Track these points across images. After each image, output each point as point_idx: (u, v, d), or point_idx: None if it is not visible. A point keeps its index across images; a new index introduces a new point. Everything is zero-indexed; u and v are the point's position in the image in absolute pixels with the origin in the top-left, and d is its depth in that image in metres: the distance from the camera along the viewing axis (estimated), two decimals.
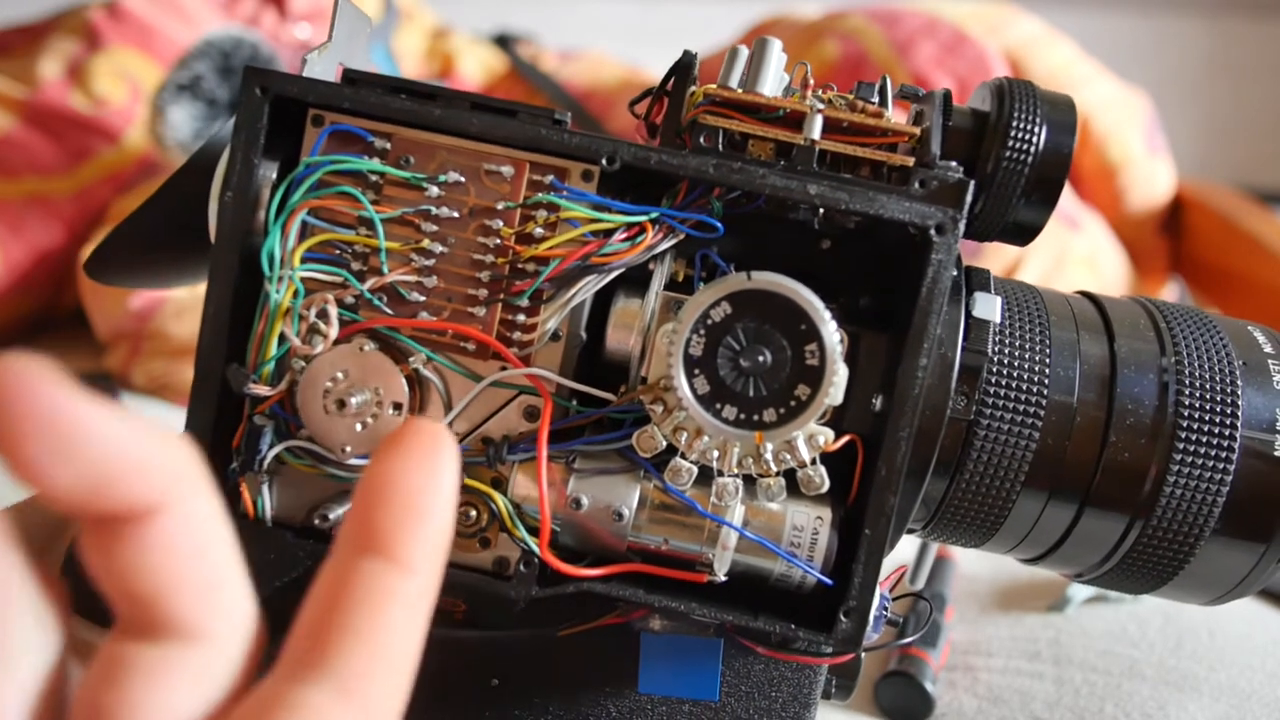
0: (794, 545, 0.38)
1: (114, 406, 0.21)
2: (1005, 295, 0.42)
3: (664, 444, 0.37)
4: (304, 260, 0.38)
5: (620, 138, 0.38)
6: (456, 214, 0.38)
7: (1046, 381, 0.41)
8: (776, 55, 0.39)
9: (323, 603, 0.24)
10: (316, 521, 0.38)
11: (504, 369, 0.39)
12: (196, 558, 0.23)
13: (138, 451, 0.21)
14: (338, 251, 0.39)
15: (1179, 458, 0.40)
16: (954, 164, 0.38)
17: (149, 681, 0.22)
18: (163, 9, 1.03)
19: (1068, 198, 1.01)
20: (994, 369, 0.40)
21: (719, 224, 0.37)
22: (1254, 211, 1.08)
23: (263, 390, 0.38)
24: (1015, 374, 0.40)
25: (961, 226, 0.36)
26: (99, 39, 1.00)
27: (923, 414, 0.38)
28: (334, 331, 0.38)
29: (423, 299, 0.39)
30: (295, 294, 0.38)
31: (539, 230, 0.38)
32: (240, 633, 0.24)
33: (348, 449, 0.38)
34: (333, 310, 0.38)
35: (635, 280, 0.39)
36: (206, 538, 0.23)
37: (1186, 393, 0.40)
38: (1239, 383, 0.41)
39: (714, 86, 0.39)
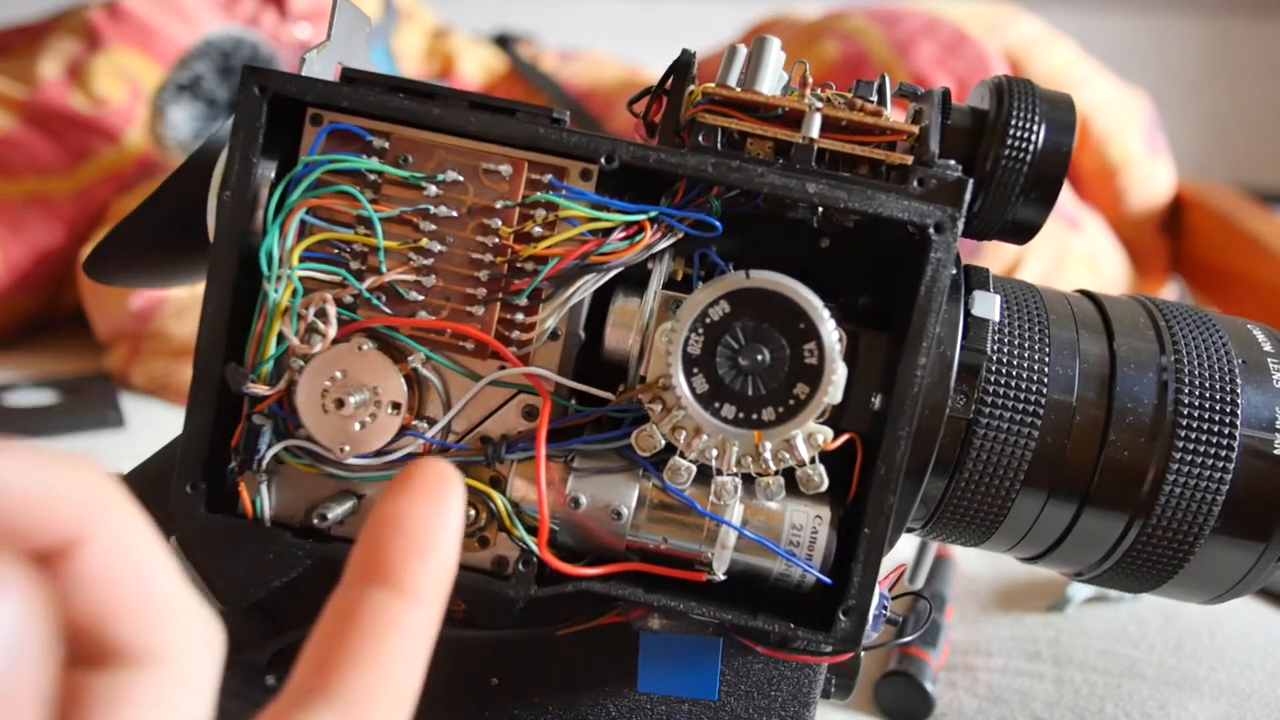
0: (793, 544, 0.38)
1: (10, 445, 0.21)
2: (1004, 294, 0.42)
3: (663, 443, 0.37)
4: (302, 259, 0.38)
5: (619, 137, 0.38)
6: (455, 213, 0.38)
7: (1046, 380, 0.40)
8: (775, 54, 0.39)
9: (329, 631, 0.25)
10: (315, 521, 0.38)
11: (503, 368, 0.39)
12: (130, 580, 0.22)
13: (42, 488, 0.21)
14: (336, 250, 0.39)
15: (1178, 456, 0.40)
16: (953, 162, 0.38)
17: (111, 711, 0.22)
18: (163, 9, 1.03)
19: (1068, 197, 1.01)
20: (993, 368, 0.40)
21: (717, 223, 0.37)
22: (1254, 211, 1.08)
23: (261, 389, 0.38)
24: (1014, 373, 0.40)
25: (960, 225, 0.36)
26: (99, 39, 1.00)
27: (922, 413, 0.38)
28: (332, 330, 0.38)
29: (421, 298, 0.39)
30: (294, 293, 0.38)
31: (537, 229, 0.38)
32: (196, 646, 0.23)
33: (346, 448, 0.38)
34: (331, 309, 0.38)
35: (634, 279, 0.39)
36: (136, 558, 0.23)
37: (1186, 391, 0.40)
38: (1238, 381, 0.41)
39: (713, 85, 0.39)
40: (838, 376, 0.35)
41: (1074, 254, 0.98)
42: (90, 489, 0.22)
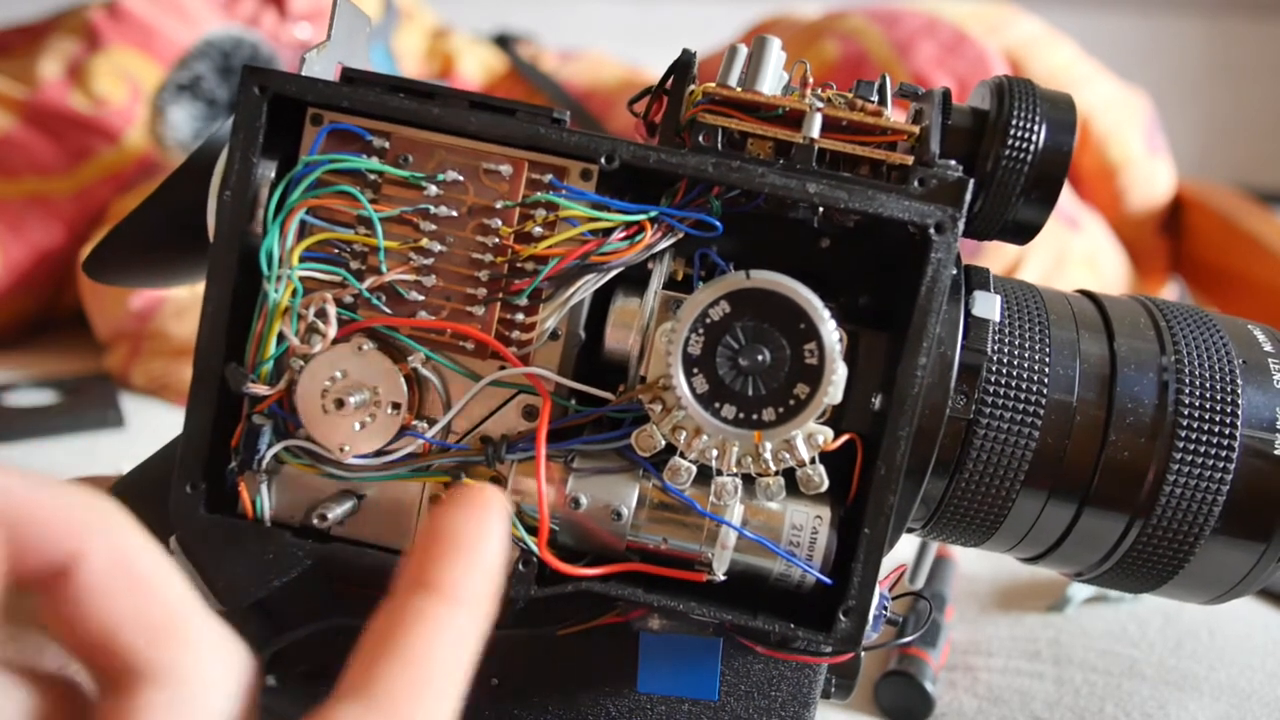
0: (793, 544, 0.38)
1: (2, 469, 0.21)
2: (1005, 294, 0.42)
3: (663, 443, 0.37)
4: (303, 259, 0.38)
5: (620, 137, 0.38)
6: (455, 213, 0.38)
7: (1046, 380, 0.40)
8: (775, 53, 0.39)
9: (375, 635, 0.25)
10: (315, 521, 0.38)
11: (503, 368, 0.39)
12: (131, 593, 0.22)
13: (37, 509, 0.21)
14: (336, 250, 0.39)
15: (1179, 457, 0.40)
16: (953, 162, 0.38)
17: None
18: (163, 9, 1.03)
19: (1068, 197, 1.01)
20: (993, 368, 0.40)
21: (718, 223, 0.37)
22: (1254, 211, 1.08)
23: (261, 389, 0.38)
24: (1015, 373, 0.40)
25: (961, 225, 0.36)
26: (99, 39, 1.00)
27: (922, 413, 0.38)
28: (332, 331, 0.38)
29: (421, 298, 0.39)
30: (294, 293, 0.38)
31: (538, 229, 0.38)
32: (213, 664, 0.23)
33: (346, 448, 0.38)
34: (331, 309, 0.38)
35: (634, 279, 0.39)
36: (137, 573, 0.23)
37: (1186, 392, 0.40)
38: (1239, 381, 0.41)
39: (713, 85, 0.39)
40: (838, 377, 0.35)
41: (1074, 254, 0.98)
42: (84, 510, 0.22)
